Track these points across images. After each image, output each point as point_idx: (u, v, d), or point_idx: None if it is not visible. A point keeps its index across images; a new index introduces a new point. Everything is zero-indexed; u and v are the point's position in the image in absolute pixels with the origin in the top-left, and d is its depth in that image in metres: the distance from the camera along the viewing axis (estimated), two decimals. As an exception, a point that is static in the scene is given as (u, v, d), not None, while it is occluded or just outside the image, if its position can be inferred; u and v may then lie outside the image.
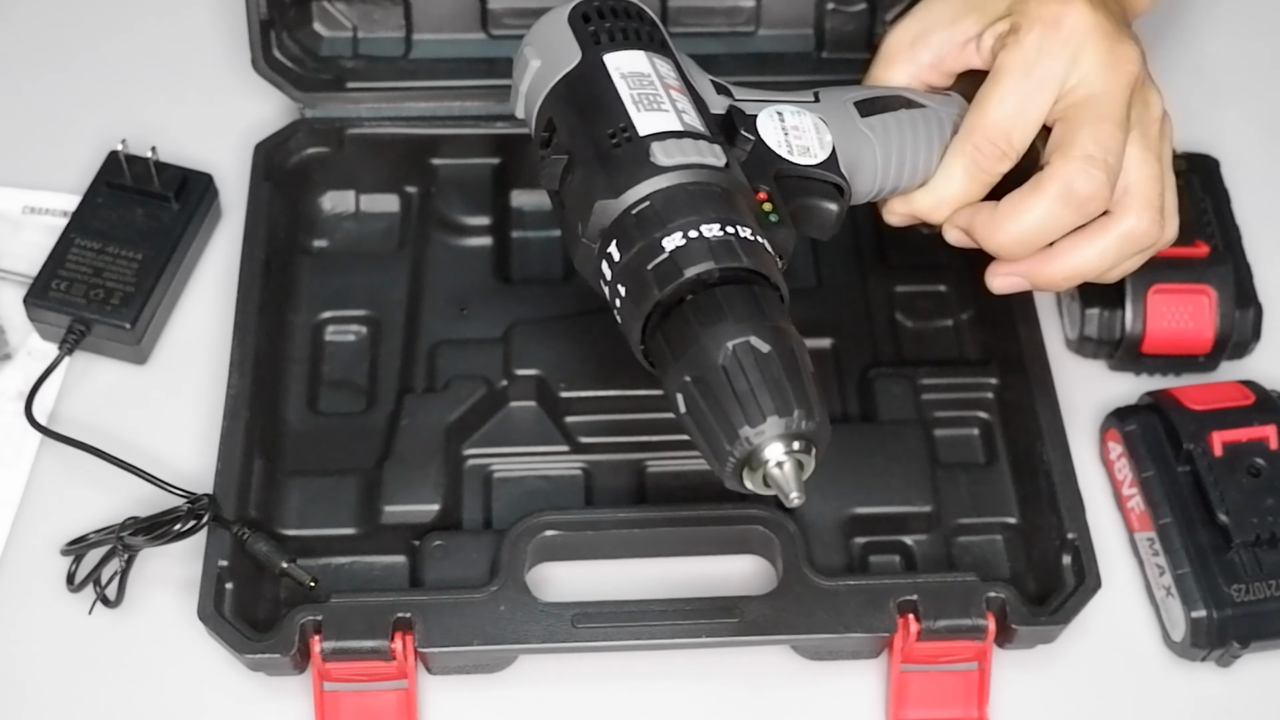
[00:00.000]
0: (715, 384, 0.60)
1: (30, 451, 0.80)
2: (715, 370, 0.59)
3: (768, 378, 0.59)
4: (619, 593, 0.73)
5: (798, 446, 0.59)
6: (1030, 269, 0.71)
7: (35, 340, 0.83)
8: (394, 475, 0.77)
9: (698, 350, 0.60)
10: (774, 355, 0.60)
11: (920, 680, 0.72)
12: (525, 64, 0.68)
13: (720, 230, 0.62)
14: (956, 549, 0.77)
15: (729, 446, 0.59)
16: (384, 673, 0.71)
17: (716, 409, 0.59)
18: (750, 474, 0.60)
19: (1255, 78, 0.95)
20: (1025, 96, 0.69)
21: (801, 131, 0.69)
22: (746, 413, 0.59)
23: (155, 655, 0.74)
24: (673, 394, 0.61)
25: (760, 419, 0.59)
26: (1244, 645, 0.73)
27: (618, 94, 0.65)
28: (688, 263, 0.61)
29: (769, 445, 0.59)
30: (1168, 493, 0.76)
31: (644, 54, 0.67)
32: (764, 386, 0.59)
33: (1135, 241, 0.70)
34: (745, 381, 0.59)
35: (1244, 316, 0.82)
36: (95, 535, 0.75)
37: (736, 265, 0.61)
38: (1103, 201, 0.69)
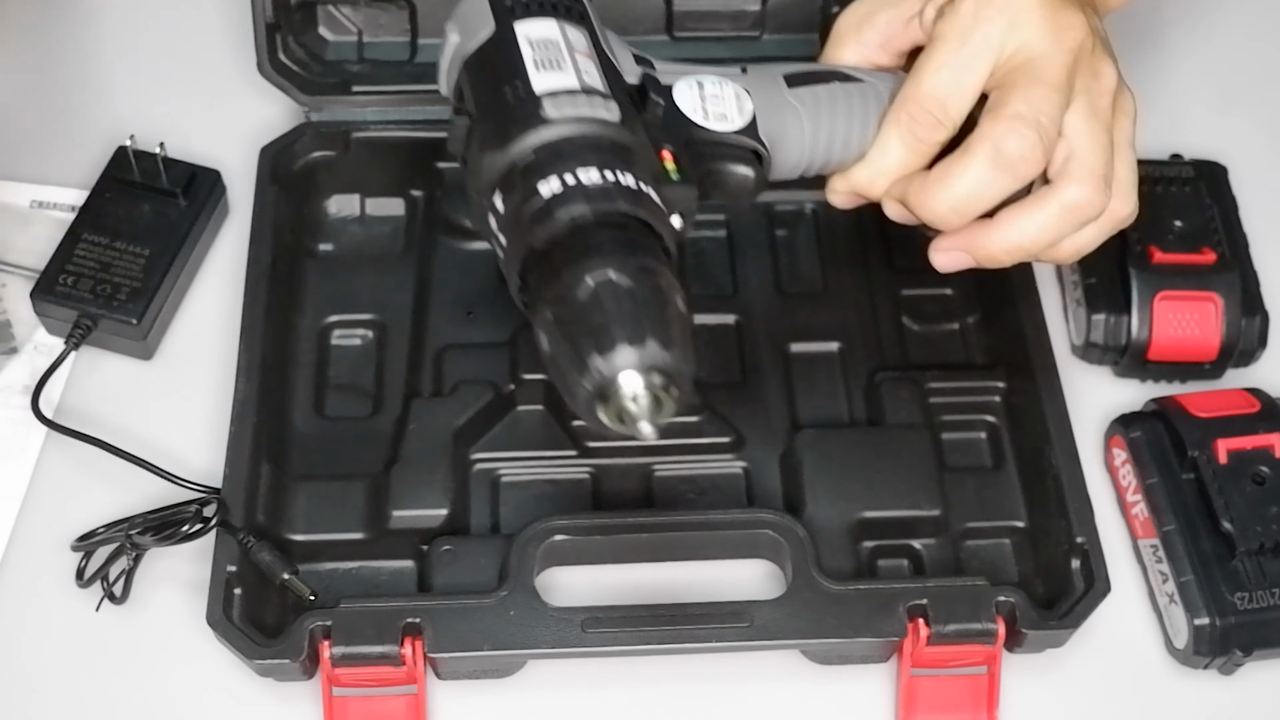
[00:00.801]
0: (573, 318, 0.58)
1: (36, 445, 0.80)
2: (574, 305, 0.58)
3: (624, 309, 0.58)
4: (628, 597, 0.73)
5: (656, 381, 0.58)
6: (970, 241, 0.70)
7: (42, 334, 0.83)
8: (402, 480, 0.77)
9: (560, 287, 0.59)
10: (635, 290, 0.59)
11: (930, 685, 0.72)
12: (446, 40, 0.68)
13: (599, 176, 0.61)
14: (965, 553, 0.77)
15: (580, 377, 0.58)
16: (393, 678, 0.70)
17: (572, 342, 0.58)
18: (605, 408, 0.58)
19: (1264, 85, 0.95)
20: (961, 64, 0.68)
21: (720, 100, 0.68)
22: (598, 342, 0.57)
23: (162, 657, 0.74)
24: (538, 334, 0.60)
25: (610, 347, 0.57)
26: (1246, 653, 0.73)
27: (520, 56, 0.65)
28: (561, 207, 0.60)
29: (622, 375, 0.57)
30: (1172, 500, 0.76)
31: (555, 21, 0.67)
32: (619, 318, 0.58)
33: (1078, 212, 0.68)
34: (602, 314, 0.58)
35: (1250, 324, 0.81)
36: (104, 531, 0.74)
37: (612, 210, 0.61)
38: (1034, 163, 0.67)
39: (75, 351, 0.81)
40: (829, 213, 0.86)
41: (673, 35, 0.87)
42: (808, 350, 0.82)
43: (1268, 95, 0.94)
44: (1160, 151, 0.87)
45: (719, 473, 0.79)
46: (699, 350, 0.80)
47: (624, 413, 0.58)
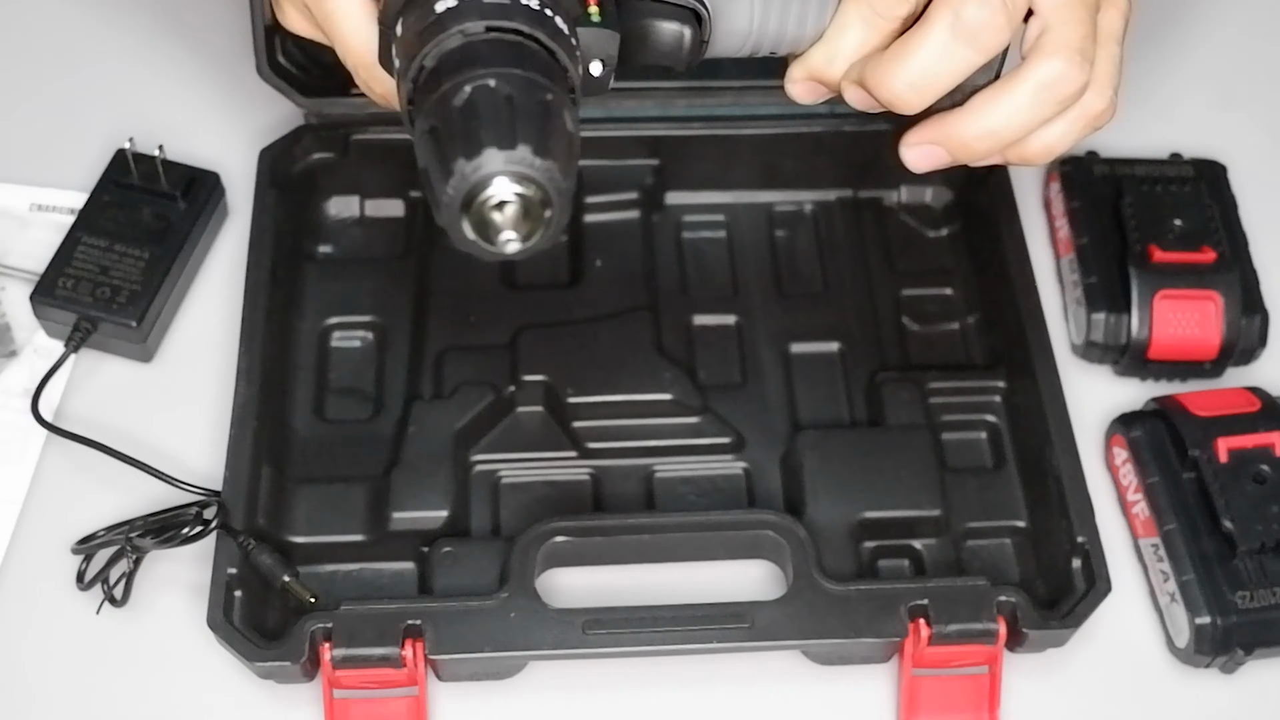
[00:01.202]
0: (446, 126, 0.54)
1: (35, 449, 0.79)
2: (448, 112, 0.54)
3: (498, 115, 0.53)
4: (629, 599, 0.72)
5: (524, 190, 0.53)
6: (940, 131, 0.65)
7: (41, 338, 0.83)
8: (402, 482, 0.76)
9: (438, 96, 0.54)
10: (514, 98, 0.53)
11: (931, 685, 0.72)
12: None
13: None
14: (966, 553, 0.77)
15: (445, 184, 0.53)
16: (394, 680, 0.70)
17: (441, 150, 0.53)
18: (467, 216, 0.54)
19: (1263, 83, 0.95)
20: None
21: None
22: (466, 147, 0.52)
23: (162, 660, 0.74)
24: (416, 150, 0.55)
25: (478, 151, 0.52)
26: (1248, 652, 0.73)
27: None
28: (454, 20, 0.55)
29: (487, 179, 0.53)
30: (1172, 499, 0.75)
31: None
32: (491, 122, 0.53)
33: (1053, 90, 0.63)
34: (475, 119, 0.53)
35: (1250, 323, 0.81)
36: (104, 534, 0.74)
37: (507, 25, 0.56)
38: (997, 30, 0.62)
39: (75, 354, 0.81)
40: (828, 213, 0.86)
41: None
42: (808, 351, 0.82)
43: (1267, 94, 0.94)
44: (1160, 150, 0.87)
45: (720, 474, 0.78)
46: (700, 350, 0.82)
47: (487, 222, 0.53)
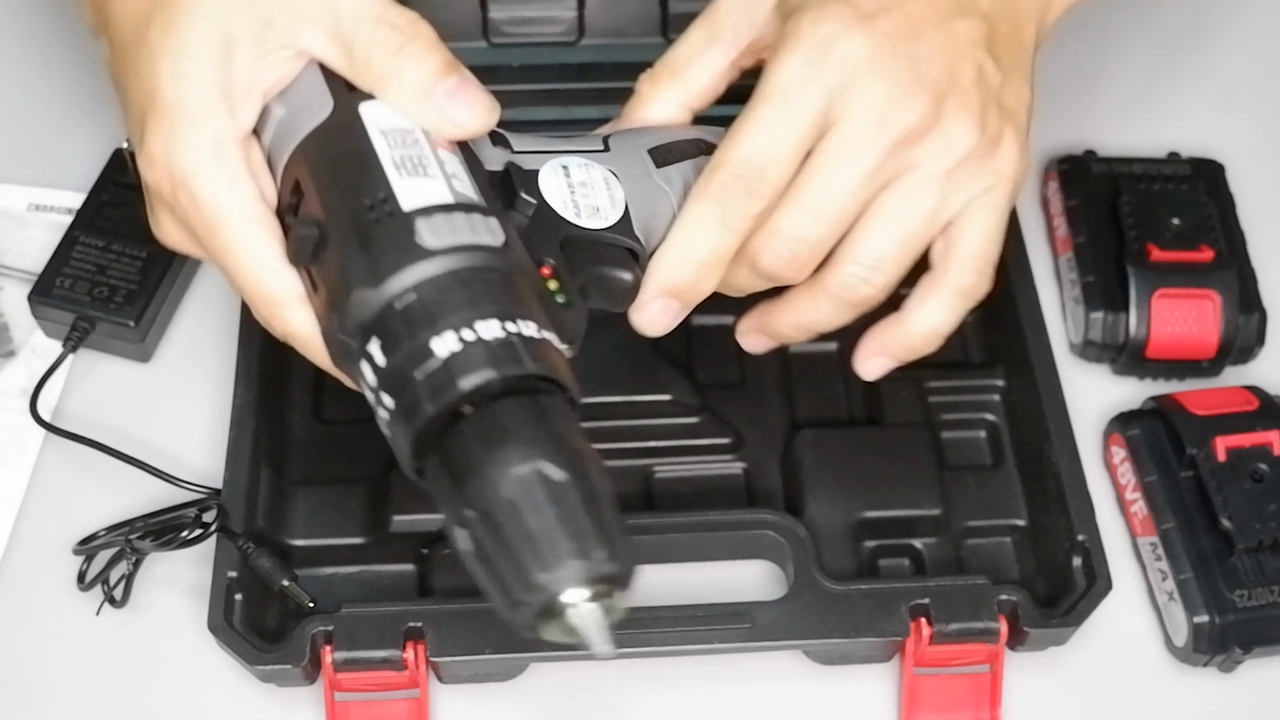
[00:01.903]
0: (504, 522, 0.51)
1: (34, 448, 0.79)
2: (503, 506, 0.51)
3: (563, 513, 0.51)
4: (629, 599, 0.71)
5: (601, 590, 0.52)
6: (892, 344, 0.66)
7: (39, 338, 0.82)
8: (402, 484, 0.74)
9: (482, 482, 0.52)
10: (569, 484, 0.52)
11: (932, 683, 0.72)
12: (268, 114, 0.59)
13: (501, 329, 0.53)
14: (965, 552, 0.76)
15: (523, 596, 0.51)
16: (395, 682, 0.70)
17: (506, 552, 0.51)
18: (548, 625, 0.52)
19: (1261, 82, 0.94)
20: (780, 124, 0.59)
21: (590, 188, 0.61)
22: (541, 557, 0.51)
23: (163, 662, 0.73)
24: (452, 528, 0.53)
25: (557, 564, 0.51)
26: (1246, 651, 0.72)
27: (376, 155, 0.56)
28: (463, 372, 0.52)
29: (568, 592, 0.51)
30: (1170, 498, 0.75)
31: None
32: (559, 525, 0.51)
33: (972, 298, 0.65)
34: (538, 519, 0.51)
35: (1248, 322, 0.81)
36: (105, 535, 0.74)
37: (520, 373, 0.53)
38: (875, 294, 0.63)
39: (73, 354, 0.80)
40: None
41: (668, 38, 0.86)
42: (807, 350, 0.81)
43: (1265, 93, 0.94)
44: (1158, 149, 0.87)
45: (719, 473, 0.78)
46: (699, 350, 0.81)
47: (571, 630, 0.52)
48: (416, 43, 0.58)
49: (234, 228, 0.59)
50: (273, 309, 0.59)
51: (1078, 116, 0.91)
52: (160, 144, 0.59)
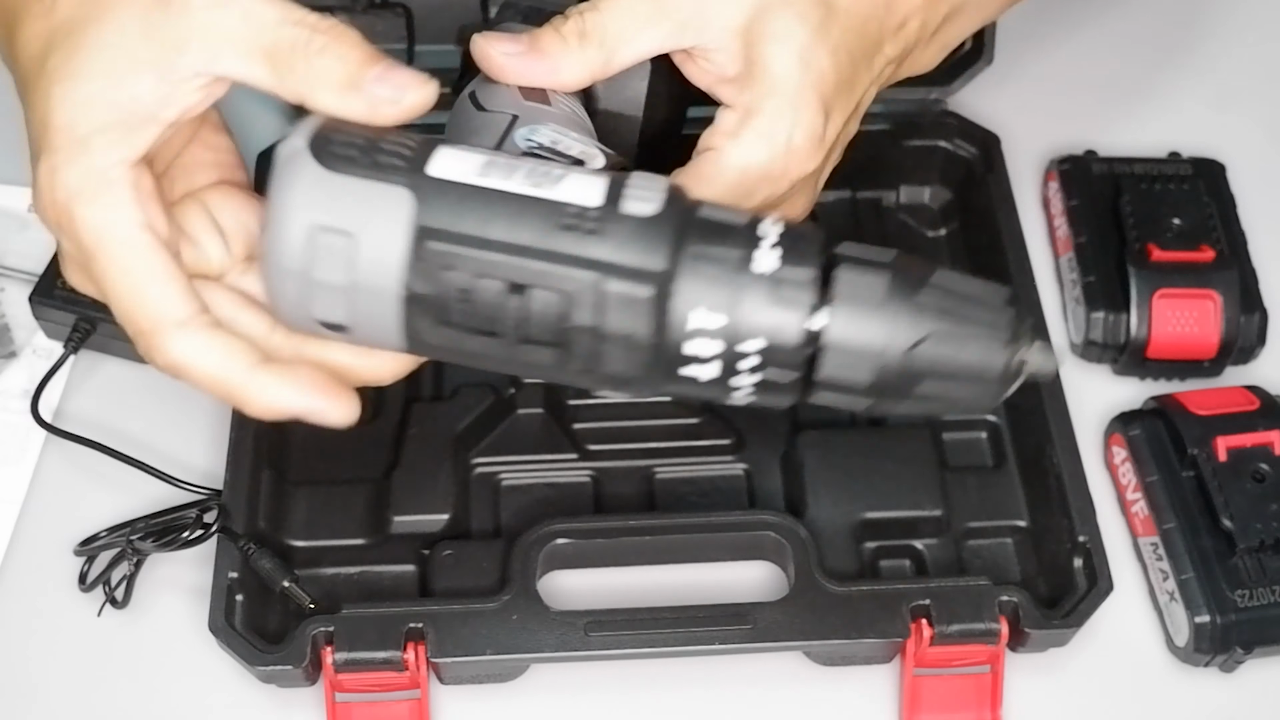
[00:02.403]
0: (963, 318, 0.54)
1: (35, 449, 0.79)
2: (959, 300, 0.55)
3: (983, 300, 0.55)
4: (630, 600, 0.72)
5: (1032, 332, 0.56)
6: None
7: (40, 338, 0.82)
8: (402, 485, 0.76)
9: (930, 293, 0.54)
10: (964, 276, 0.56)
11: (933, 684, 0.71)
12: (333, 249, 0.54)
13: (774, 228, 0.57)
14: (967, 553, 0.76)
15: (997, 370, 0.55)
16: (396, 683, 0.69)
17: (971, 342, 0.54)
18: (1012, 385, 0.56)
19: (1262, 82, 0.94)
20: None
21: (561, 144, 0.62)
22: (999, 331, 0.55)
23: (164, 663, 0.73)
24: (916, 339, 0.54)
25: (1010, 329, 0.55)
26: (1247, 651, 0.72)
27: (511, 200, 0.54)
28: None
29: (1025, 350, 0.55)
30: (1172, 498, 0.75)
31: (454, 148, 0.56)
32: (991, 310, 0.55)
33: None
34: (979, 306, 0.55)
35: (1249, 322, 0.80)
36: (106, 536, 0.73)
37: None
38: None
39: (74, 355, 0.80)
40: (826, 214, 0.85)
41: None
42: (808, 350, 0.81)
43: (1265, 93, 0.93)
44: (1158, 149, 0.86)
45: (720, 474, 0.77)
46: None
47: (1033, 372, 0.56)
48: (339, 41, 0.57)
49: (113, 251, 0.57)
50: (151, 338, 0.57)
51: (1078, 116, 0.91)
52: (46, 171, 0.57)
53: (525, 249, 0.53)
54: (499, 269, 0.54)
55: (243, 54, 0.56)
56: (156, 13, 0.56)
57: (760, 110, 0.62)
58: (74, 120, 0.56)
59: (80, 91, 0.56)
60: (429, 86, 0.57)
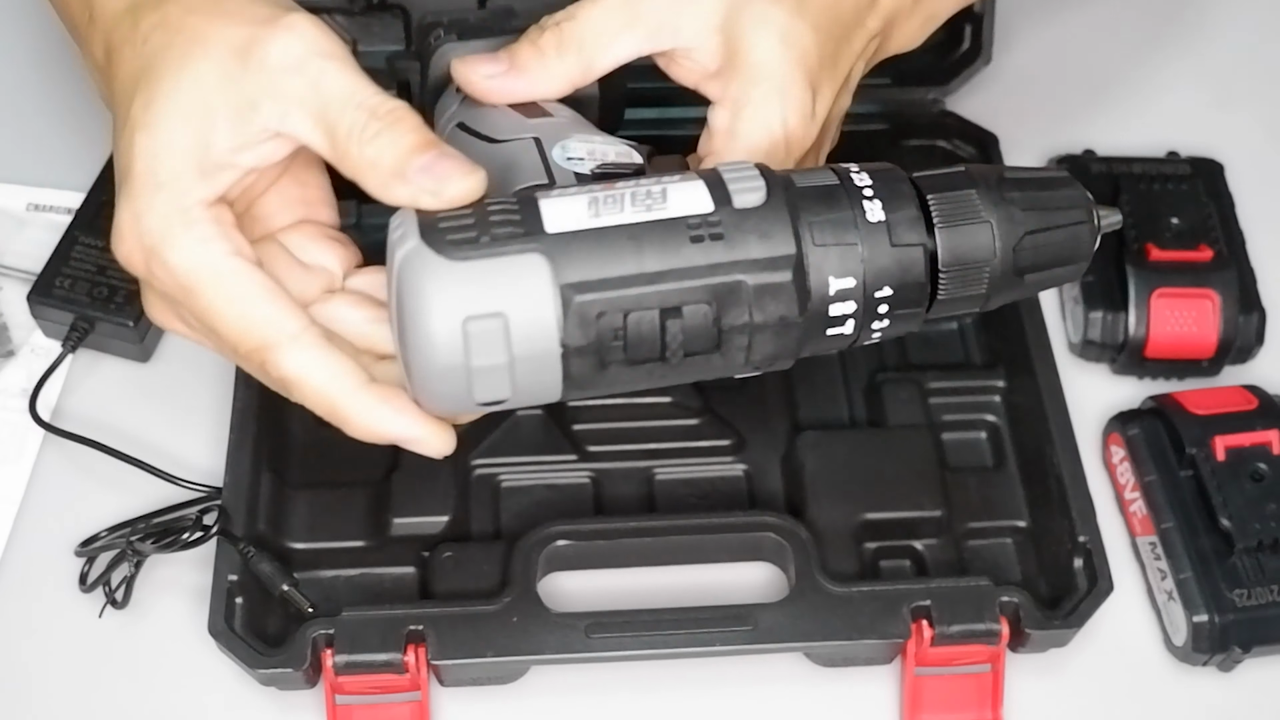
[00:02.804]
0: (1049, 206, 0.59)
1: (33, 448, 0.78)
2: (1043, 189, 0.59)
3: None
4: (630, 602, 0.71)
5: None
6: None
7: (39, 337, 0.82)
8: (402, 487, 0.75)
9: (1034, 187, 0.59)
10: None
11: (934, 684, 0.71)
12: (486, 334, 0.55)
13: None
14: (967, 553, 0.76)
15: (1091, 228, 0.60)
16: (396, 685, 0.69)
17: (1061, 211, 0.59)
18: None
19: (1261, 82, 0.94)
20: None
21: (596, 153, 0.64)
22: (1085, 206, 0.60)
23: (163, 664, 0.73)
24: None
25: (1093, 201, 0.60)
26: (1246, 650, 0.72)
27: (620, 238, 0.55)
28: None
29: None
30: (1170, 497, 0.75)
31: (553, 197, 0.57)
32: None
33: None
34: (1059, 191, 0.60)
35: (1248, 321, 0.80)
36: (106, 536, 0.73)
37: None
38: None
39: (72, 354, 0.80)
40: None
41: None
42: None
43: (1264, 92, 0.93)
44: (1157, 149, 0.86)
45: (720, 475, 0.77)
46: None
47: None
48: (395, 128, 0.57)
49: (210, 281, 0.58)
50: (265, 353, 0.58)
51: (1076, 116, 0.90)
52: (128, 216, 0.58)
53: (665, 273, 0.55)
54: (648, 299, 0.55)
55: (308, 122, 0.57)
56: (234, 64, 0.57)
57: (749, 99, 0.63)
58: (153, 168, 0.57)
59: (158, 140, 0.57)
60: (471, 178, 0.57)
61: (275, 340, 0.58)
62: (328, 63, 0.57)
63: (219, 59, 0.57)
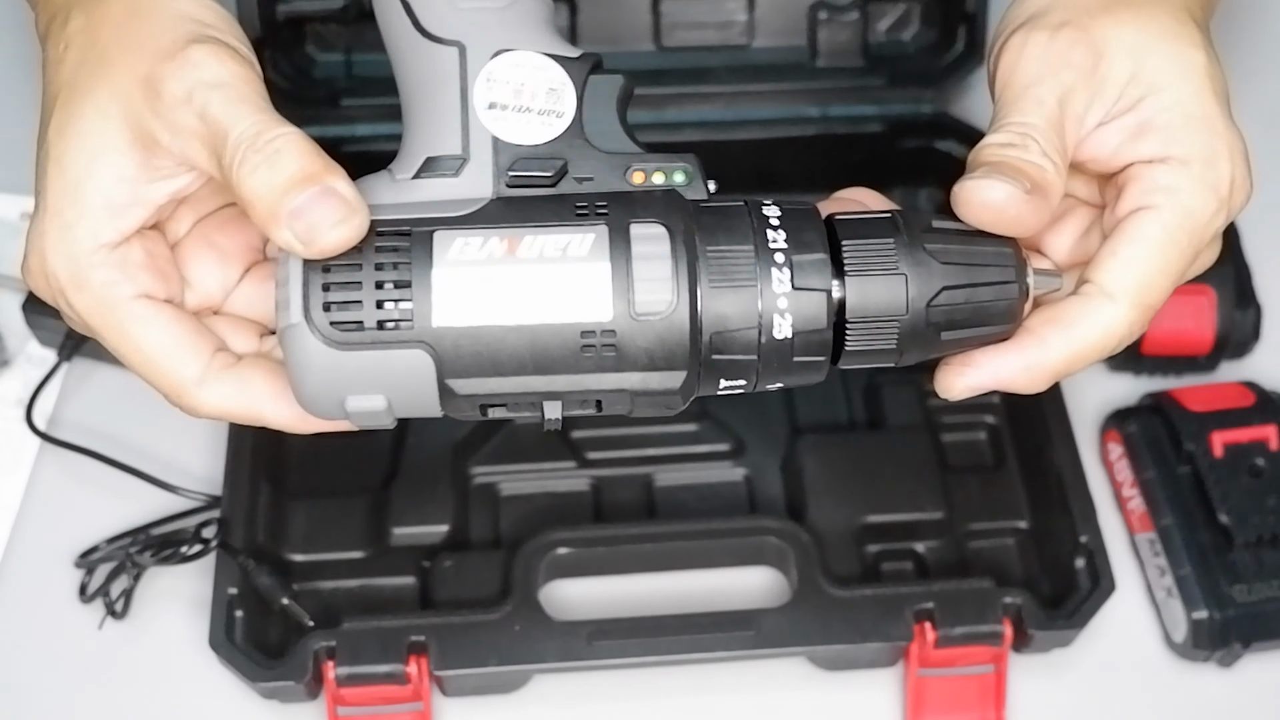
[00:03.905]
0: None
1: (29, 458, 0.78)
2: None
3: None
4: (632, 608, 0.71)
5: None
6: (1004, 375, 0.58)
7: (34, 346, 0.81)
8: (401, 496, 0.74)
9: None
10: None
11: (937, 685, 0.70)
12: (364, 411, 0.54)
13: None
14: (969, 554, 0.75)
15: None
16: (399, 696, 0.68)
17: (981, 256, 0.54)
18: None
19: (1255, 77, 0.92)
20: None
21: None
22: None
23: (164, 677, 0.72)
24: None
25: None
26: (1246, 646, 0.71)
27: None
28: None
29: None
30: (1168, 494, 0.74)
31: (447, 268, 0.53)
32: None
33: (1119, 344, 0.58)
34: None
35: (1244, 317, 0.79)
36: (105, 547, 0.72)
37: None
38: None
39: (67, 363, 0.79)
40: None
41: (660, 45, 0.84)
42: (805, 356, 0.79)
43: (1261, 90, 0.91)
44: (1152, 147, 0.84)
45: (720, 480, 0.76)
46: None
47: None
48: (274, 161, 0.53)
49: (115, 329, 0.56)
50: (179, 399, 0.57)
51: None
52: (35, 255, 0.56)
53: (553, 384, 0.53)
54: (530, 395, 0.53)
55: (205, 154, 0.55)
56: (138, 97, 0.55)
57: (1197, 157, 0.56)
58: (60, 206, 0.56)
59: (66, 177, 0.56)
60: (344, 226, 0.52)
61: (183, 385, 0.56)
62: (214, 93, 0.54)
63: (125, 92, 0.55)
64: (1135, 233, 0.55)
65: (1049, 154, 0.54)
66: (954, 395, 0.57)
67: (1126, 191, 0.56)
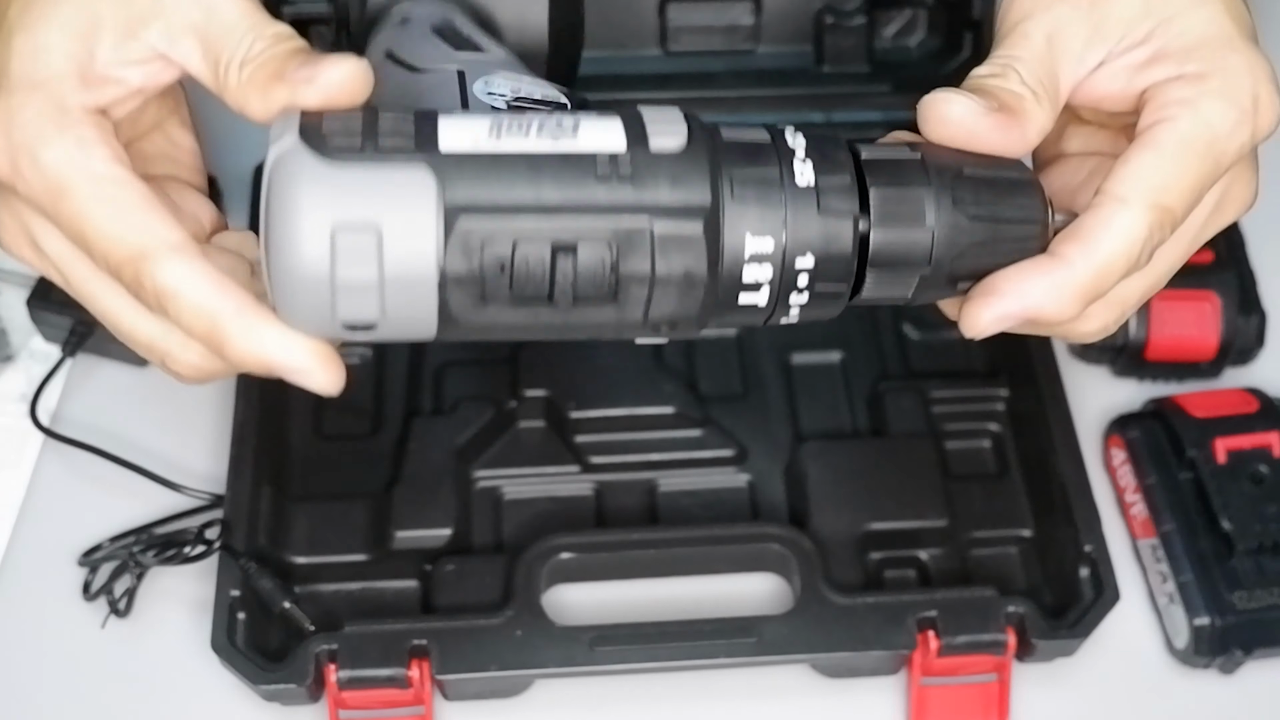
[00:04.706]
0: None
1: (33, 453, 0.77)
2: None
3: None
4: (634, 614, 0.70)
5: None
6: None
7: (38, 342, 0.80)
8: (403, 499, 0.73)
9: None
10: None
11: (940, 694, 0.69)
12: (356, 246, 0.48)
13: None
14: (972, 562, 0.74)
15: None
16: (400, 700, 0.67)
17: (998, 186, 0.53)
18: None
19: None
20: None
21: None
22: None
23: (165, 678, 0.71)
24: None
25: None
26: (1247, 652, 0.70)
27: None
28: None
29: None
30: (1171, 500, 0.73)
31: (454, 117, 0.51)
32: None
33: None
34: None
35: (1248, 323, 0.78)
36: (108, 546, 0.72)
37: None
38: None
39: (71, 358, 0.78)
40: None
41: (666, 50, 0.84)
42: (809, 361, 0.79)
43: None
44: (1156, 152, 0.83)
45: (723, 486, 0.75)
46: (701, 362, 0.78)
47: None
48: (277, 45, 0.52)
49: (86, 186, 0.51)
50: (140, 262, 0.51)
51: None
52: (2, 113, 0.52)
53: (563, 207, 0.49)
54: (540, 233, 0.48)
55: (197, 51, 0.53)
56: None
57: (1214, 71, 0.54)
58: (30, 68, 0.52)
59: (38, 41, 0.52)
60: (350, 62, 0.51)
61: (153, 248, 0.51)
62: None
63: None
64: (1149, 141, 0.53)
65: (1028, 83, 0.53)
66: (981, 331, 0.54)
67: (1143, 114, 0.54)
